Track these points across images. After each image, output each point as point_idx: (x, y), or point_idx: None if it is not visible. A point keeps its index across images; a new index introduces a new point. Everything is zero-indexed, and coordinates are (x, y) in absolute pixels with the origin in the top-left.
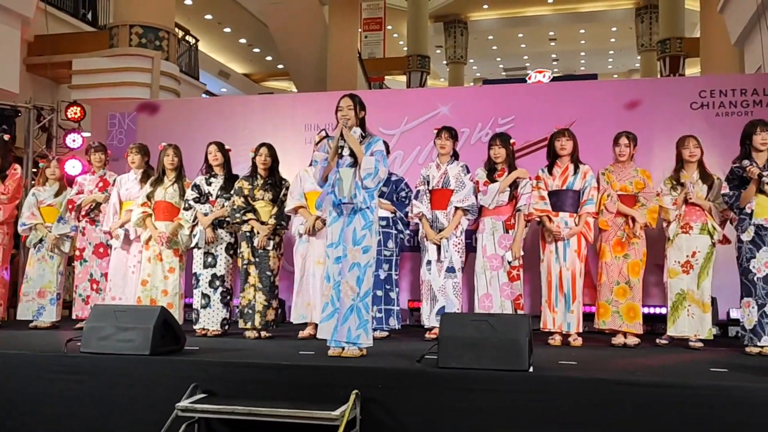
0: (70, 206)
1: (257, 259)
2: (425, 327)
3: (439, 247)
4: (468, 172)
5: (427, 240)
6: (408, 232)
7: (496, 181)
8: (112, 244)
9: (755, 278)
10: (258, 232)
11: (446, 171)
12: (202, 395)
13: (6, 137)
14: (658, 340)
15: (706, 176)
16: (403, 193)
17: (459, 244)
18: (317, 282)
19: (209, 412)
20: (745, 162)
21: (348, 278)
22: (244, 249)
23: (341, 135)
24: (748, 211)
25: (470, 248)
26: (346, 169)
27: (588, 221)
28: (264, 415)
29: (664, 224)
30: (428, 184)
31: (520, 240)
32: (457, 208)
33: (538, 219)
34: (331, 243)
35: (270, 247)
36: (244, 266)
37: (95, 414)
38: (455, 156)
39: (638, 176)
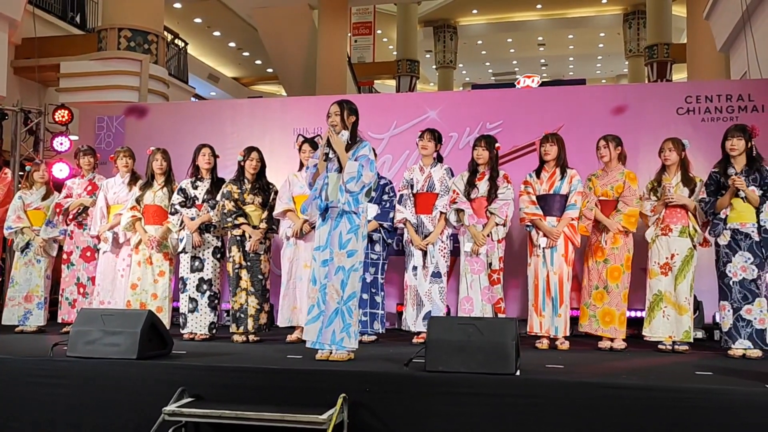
0: (57, 210)
1: (249, 263)
2: (409, 331)
3: (425, 253)
4: (452, 175)
5: (412, 245)
6: (390, 241)
7: (476, 185)
8: (100, 247)
9: (731, 282)
10: (249, 237)
11: (430, 174)
12: (190, 399)
13: None
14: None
15: (688, 180)
16: (386, 197)
17: (444, 248)
18: (304, 285)
19: (196, 416)
20: (731, 171)
21: (333, 281)
22: (235, 253)
23: (328, 140)
24: (723, 216)
25: (457, 252)
26: (333, 174)
27: (574, 225)
28: (251, 419)
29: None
30: (412, 188)
31: (482, 233)
32: (442, 213)
33: (530, 223)
34: (318, 246)
35: (261, 251)
36: (235, 270)
37: (81, 418)
38: (439, 159)
39: (621, 180)
